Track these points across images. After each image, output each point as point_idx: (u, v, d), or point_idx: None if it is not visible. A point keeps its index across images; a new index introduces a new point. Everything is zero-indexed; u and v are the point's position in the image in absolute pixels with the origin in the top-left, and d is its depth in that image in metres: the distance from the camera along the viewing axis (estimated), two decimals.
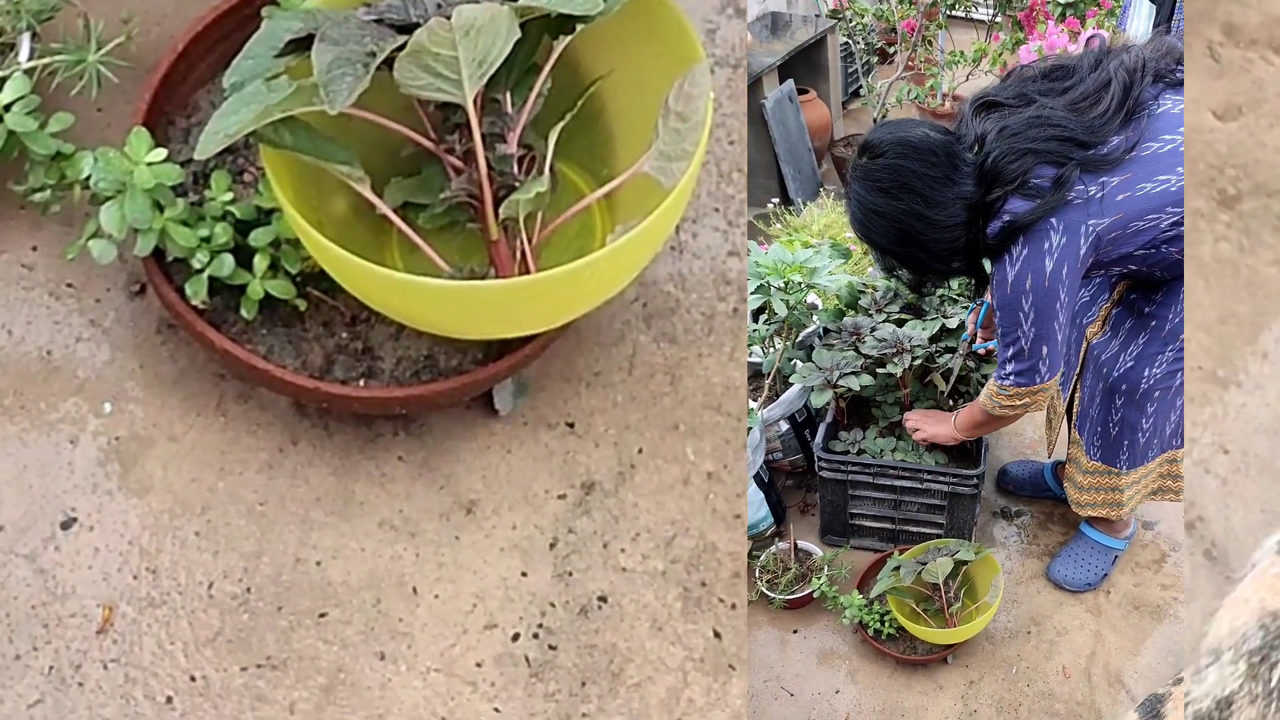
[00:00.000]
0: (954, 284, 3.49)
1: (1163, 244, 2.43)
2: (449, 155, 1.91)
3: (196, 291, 1.93)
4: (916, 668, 2.99)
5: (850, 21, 5.95)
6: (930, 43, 5.66)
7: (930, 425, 3.16)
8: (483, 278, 1.97)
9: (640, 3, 1.95)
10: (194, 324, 1.94)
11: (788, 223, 4.52)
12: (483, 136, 1.93)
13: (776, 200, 5.00)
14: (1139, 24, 5.40)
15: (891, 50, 6.13)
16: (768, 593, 3.15)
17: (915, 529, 3.30)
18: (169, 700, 1.91)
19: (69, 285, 2.12)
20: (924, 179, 2.40)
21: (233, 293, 1.99)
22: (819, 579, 3.09)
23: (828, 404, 3.28)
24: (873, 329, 3.34)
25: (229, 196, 1.98)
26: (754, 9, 6.22)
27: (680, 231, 2.25)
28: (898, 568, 2.95)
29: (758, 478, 3.34)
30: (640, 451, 2.12)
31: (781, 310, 3.35)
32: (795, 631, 3.15)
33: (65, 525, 1.99)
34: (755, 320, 3.64)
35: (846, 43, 6.31)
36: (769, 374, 3.50)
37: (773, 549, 3.28)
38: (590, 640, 2.01)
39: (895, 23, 5.59)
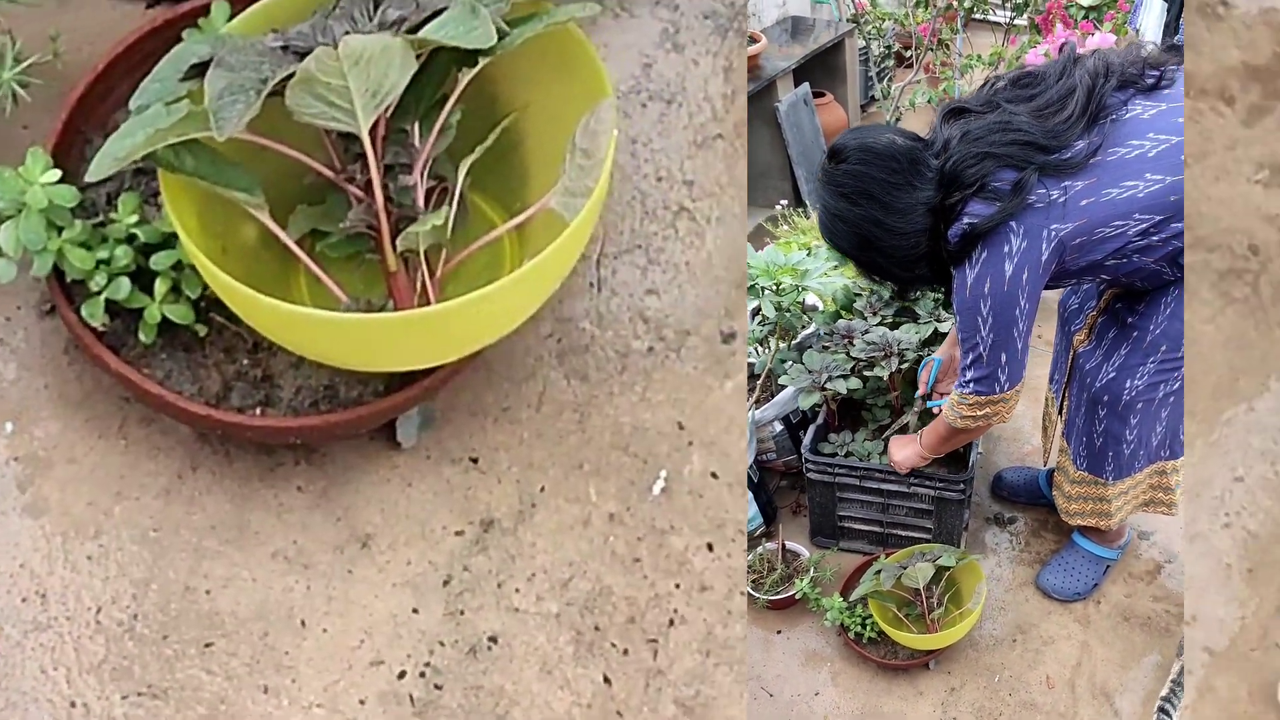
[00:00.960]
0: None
1: (1134, 253, 2.40)
2: (350, 185, 1.90)
3: (93, 314, 1.91)
4: (898, 672, 2.96)
5: (866, 25, 5.95)
6: (947, 46, 5.63)
7: (898, 451, 3.12)
8: (381, 309, 1.95)
9: (553, 38, 1.94)
10: (92, 346, 1.93)
11: (795, 224, 4.52)
12: (387, 167, 1.91)
13: (785, 202, 5.00)
14: (1149, 22, 5.37)
15: (907, 54, 6.11)
16: (752, 593, 3.14)
17: (904, 533, 3.29)
18: None
19: None
20: (884, 185, 2.39)
21: (136, 316, 1.97)
22: (802, 580, 3.08)
23: (819, 406, 3.27)
24: (864, 332, 3.32)
25: (134, 219, 1.96)
26: (773, 14, 6.23)
27: (600, 268, 2.23)
28: (879, 571, 2.93)
29: (747, 478, 3.33)
30: (542, 490, 2.09)
31: (770, 311, 3.34)
32: (779, 632, 3.14)
33: None
34: (750, 320, 3.64)
35: (867, 47, 6.30)
36: (760, 375, 3.50)
37: (760, 549, 3.27)
38: (477, 681, 1.98)
39: (911, 27, 5.57)
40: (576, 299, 2.21)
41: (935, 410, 3.20)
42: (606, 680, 2.00)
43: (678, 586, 2.06)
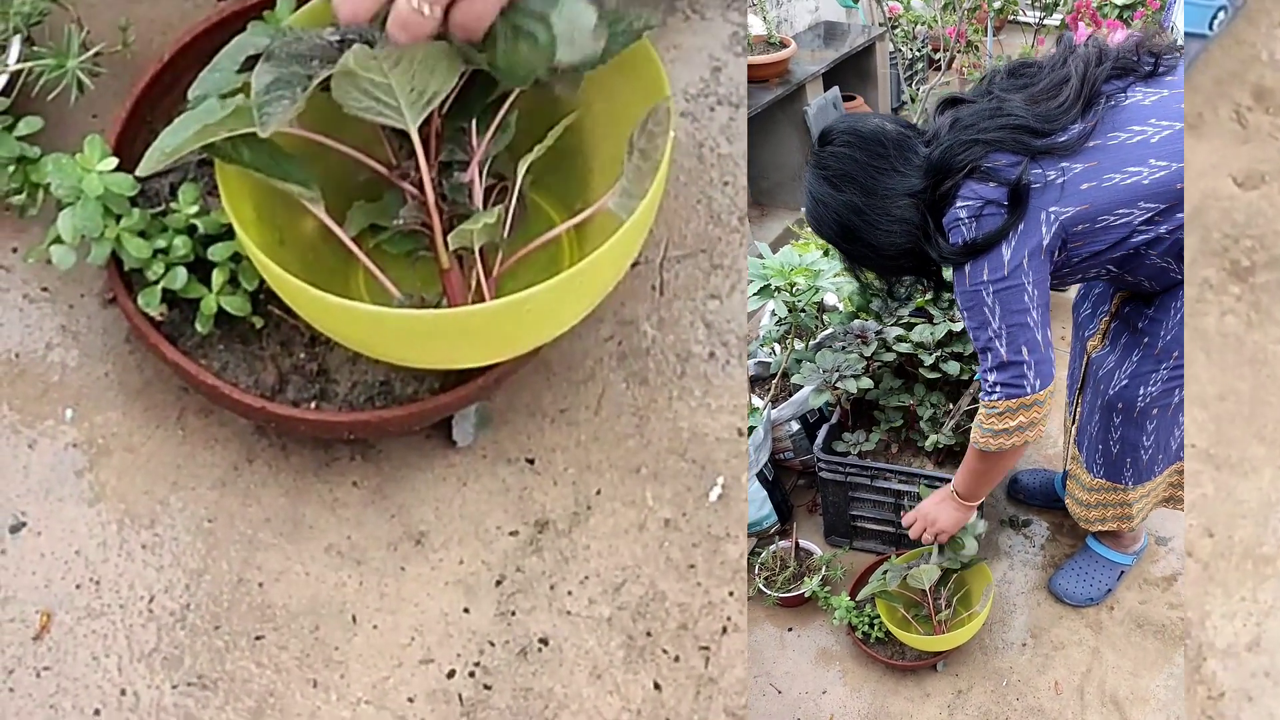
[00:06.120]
0: None
1: (1141, 246, 2.32)
2: (403, 181, 1.88)
3: (149, 302, 1.92)
4: (906, 673, 2.95)
5: (895, 30, 5.91)
6: (977, 48, 5.58)
7: (931, 508, 2.90)
8: (436, 306, 1.94)
9: None
10: (148, 335, 1.93)
11: None
12: (444, 165, 1.90)
13: None
14: (1180, 20, 5.30)
15: (937, 56, 6.07)
16: (764, 589, 3.13)
17: None
18: (96, 713, 1.90)
19: (45, 289, 2.12)
20: (867, 170, 2.35)
21: (193, 306, 1.97)
22: (812, 579, 3.06)
23: (832, 405, 3.26)
24: (879, 332, 3.30)
25: (194, 209, 1.96)
26: (806, 19, 6.22)
27: (664, 271, 2.20)
28: (885, 572, 2.91)
29: (761, 476, 3.36)
30: (599, 493, 2.07)
31: (781, 310, 3.34)
32: (791, 630, 3.11)
33: (14, 529, 1.98)
34: (767, 320, 3.66)
35: (897, 50, 6.27)
36: (775, 374, 3.50)
37: (773, 547, 3.26)
38: (527, 683, 1.96)
39: (940, 29, 5.52)
40: (638, 302, 2.19)
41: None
42: (657, 686, 1.98)
43: (731, 594, 2.03)
